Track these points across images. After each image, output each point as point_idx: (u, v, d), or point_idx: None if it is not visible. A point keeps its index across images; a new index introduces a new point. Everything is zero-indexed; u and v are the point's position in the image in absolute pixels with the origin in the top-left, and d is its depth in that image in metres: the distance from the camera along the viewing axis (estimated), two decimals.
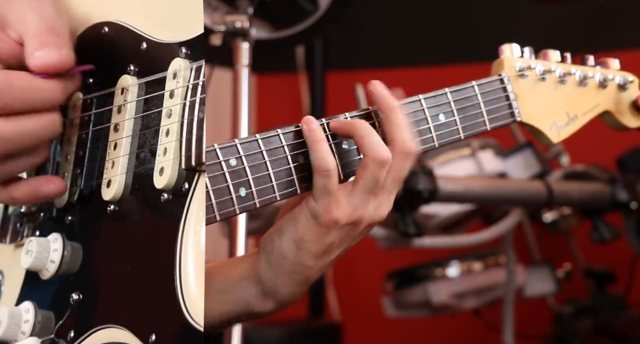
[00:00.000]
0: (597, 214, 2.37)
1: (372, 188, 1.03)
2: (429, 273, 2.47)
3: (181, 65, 1.00)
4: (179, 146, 0.97)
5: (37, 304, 1.04)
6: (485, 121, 1.17)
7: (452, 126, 1.14)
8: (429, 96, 1.13)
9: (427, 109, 1.12)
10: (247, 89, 1.87)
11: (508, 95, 1.19)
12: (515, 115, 1.19)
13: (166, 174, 0.97)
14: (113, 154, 1.03)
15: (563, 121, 1.24)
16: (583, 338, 2.57)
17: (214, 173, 0.97)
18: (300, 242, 1.03)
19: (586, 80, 1.26)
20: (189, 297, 0.92)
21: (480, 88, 1.17)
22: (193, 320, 0.90)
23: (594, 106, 1.27)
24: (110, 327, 0.96)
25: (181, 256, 0.94)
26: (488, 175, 2.32)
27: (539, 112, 1.22)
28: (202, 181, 0.96)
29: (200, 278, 0.92)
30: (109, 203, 1.02)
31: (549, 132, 1.23)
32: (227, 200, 0.98)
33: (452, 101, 1.14)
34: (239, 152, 1.00)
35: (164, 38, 1.04)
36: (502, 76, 1.20)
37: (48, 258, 1.03)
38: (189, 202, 0.96)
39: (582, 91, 1.26)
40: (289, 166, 1.02)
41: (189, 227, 0.95)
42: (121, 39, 1.07)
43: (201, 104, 0.98)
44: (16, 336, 1.02)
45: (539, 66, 1.23)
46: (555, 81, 1.24)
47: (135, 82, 1.04)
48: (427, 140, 1.12)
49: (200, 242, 0.94)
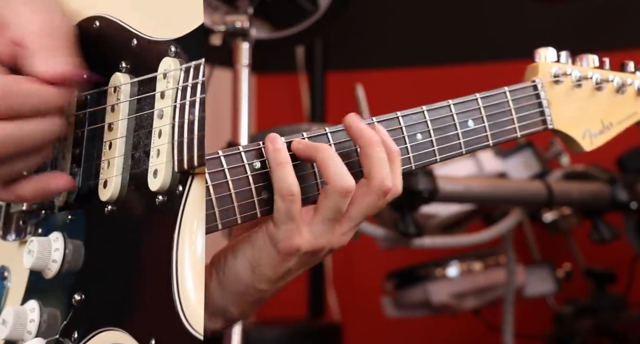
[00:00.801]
0: (597, 214, 2.37)
1: (335, 217, 0.98)
2: (429, 273, 2.47)
3: (170, 65, 0.99)
4: (172, 148, 0.96)
5: (42, 302, 1.04)
6: (515, 128, 1.14)
7: (481, 133, 1.11)
8: (458, 101, 1.10)
9: (455, 115, 1.10)
10: (247, 89, 1.86)
11: (541, 102, 1.17)
12: (548, 122, 1.17)
13: (160, 176, 0.96)
14: (108, 154, 1.02)
15: (597, 129, 1.21)
16: (583, 338, 2.57)
17: (237, 176, 0.95)
18: (256, 266, 0.99)
19: (624, 87, 1.23)
20: (187, 303, 0.91)
21: (512, 94, 1.15)
22: (192, 327, 0.89)
23: (631, 114, 1.24)
24: (113, 330, 0.96)
25: (177, 262, 0.93)
26: (488, 175, 2.32)
27: (573, 120, 1.19)
28: (196, 184, 0.95)
29: (199, 284, 0.91)
30: (106, 204, 1.01)
31: (582, 140, 1.20)
32: (250, 203, 0.96)
33: (482, 107, 1.12)
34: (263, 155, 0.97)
35: (153, 35, 1.02)
36: (536, 83, 1.17)
37: (50, 257, 1.03)
38: (184, 206, 0.95)
39: (620, 99, 1.23)
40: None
41: (185, 231, 0.94)
42: (112, 35, 1.06)
43: (200, 104, 0.96)
44: (22, 335, 1.02)
45: (576, 72, 1.19)
46: (592, 88, 1.21)
47: (128, 81, 1.03)
48: (455, 147, 1.10)
49: (197, 249, 0.93)
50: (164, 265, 0.93)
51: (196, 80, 0.97)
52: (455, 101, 1.10)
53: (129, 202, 1.00)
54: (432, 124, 1.08)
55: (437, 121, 1.08)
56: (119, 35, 1.05)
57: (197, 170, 0.95)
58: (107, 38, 1.06)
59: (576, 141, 1.20)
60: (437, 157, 1.09)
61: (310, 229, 0.98)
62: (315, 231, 0.98)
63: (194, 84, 0.96)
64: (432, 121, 1.08)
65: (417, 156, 1.08)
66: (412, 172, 1.92)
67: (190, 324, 0.90)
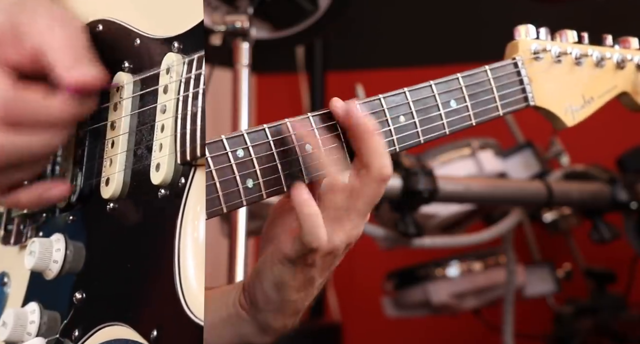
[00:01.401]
0: (597, 214, 2.37)
1: (341, 215, 0.98)
2: (429, 273, 2.47)
3: (174, 60, 0.99)
4: (174, 140, 0.97)
5: (42, 304, 1.04)
6: (497, 106, 1.14)
7: (463, 112, 1.11)
8: (440, 81, 1.10)
9: (438, 95, 1.09)
10: (247, 89, 1.86)
11: (522, 79, 1.16)
12: (529, 99, 1.17)
13: (162, 169, 0.97)
14: (111, 152, 1.03)
15: (579, 104, 1.21)
16: (583, 338, 2.57)
17: (221, 165, 0.95)
18: (280, 284, 1.00)
19: (603, 61, 1.23)
20: (189, 292, 0.92)
21: (493, 72, 1.14)
22: (193, 314, 0.90)
23: (611, 87, 1.24)
24: (114, 324, 0.96)
25: (180, 251, 0.93)
26: (488, 175, 2.32)
27: (554, 96, 1.19)
28: (198, 176, 0.96)
29: (200, 272, 0.92)
30: (108, 201, 1.02)
31: (564, 116, 1.20)
32: (235, 192, 0.96)
33: (464, 86, 1.11)
34: (246, 142, 0.97)
35: (157, 33, 1.03)
36: (516, 60, 1.17)
37: (51, 258, 1.03)
38: (186, 198, 0.95)
39: (599, 73, 1.23)
40: (297, 156, 0.99)
41: (187, 222, 0.94)
42: (116, 37, 1.07)
43: (196, 97, 0.96)
44: (22, 337, 1.02)
45: (555, 48, 1.19)
46: (572, 63, 1.21)
47: (130, 79, 1.04)
48: (438, 127, 1.09)
49: (199, 237, 0.94)
50: (165, 257, 0.94)
51: (199, 70, 0.97)
52: (437, 81, 1.10)
53: (131, 198, 1.00)
54: (414, 106, 1.08)
55: (419, 102, 1.08)
56: (121, 36, 1.06)
57: (199, 161, 0.95)
58: (111, 40, 1.07)
59: (558, 117, 1.20)
60: (421, 138, 1.08)
61: None
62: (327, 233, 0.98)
63: (197, 75, 0.97)
64: (414, 102, 1.08)
65: (400, 138, 1.07)
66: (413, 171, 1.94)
67: (191, 311, 0.90)
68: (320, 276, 1.02)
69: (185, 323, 0.90)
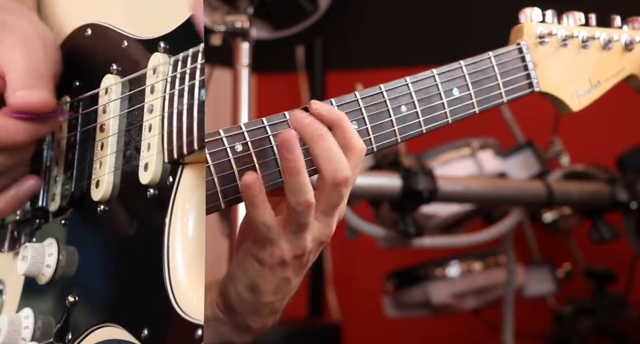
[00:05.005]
0: (597, 214, 2.37)
1: (304, 225, 0.96)
2: (429, 273, 2.47)
3: (160, 60, 1.00)
4: (161, 139, 0.97)
5: (36, 309, 1.04)
6: (501, 93, 1.12)
7: (466, 101, 1.09)
8: (442, 70, 1.09)
9: (440, 84, 1.08)
10: (247, 89, 1.87)
11: (527, 64, 1.14)
12: (534, 85, 1.14)
13: (150, 169, 0.97)
14: (100, 154, 1.03)
15: (585, 88, 1.18)
16: (583, 338, 2.57)
17: (219, 160, 0.95)
18: (254, 286, 1.00)
19: (611, 43, 1.20)
20: (179, 289, 0.92)
21: (497, 59, 1.12)
22: (183, 312, 0.90)
23: (618, 70, 1.21)
24: (106, 326, 0.97)
25: (169, 249, 0.94)
26: (488, 175, 2.32)
27: (559, 80, 1.16)
28: (186, 174, 0.96)
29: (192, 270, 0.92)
30: (98, 203, 1.02)
31: (570, 100, 1.17)
32: (233, 187, 0.95)
33: (467, 74, 1.10)
34: (245, 138, 0.97)
35: (143, 35, 1.04)
36: (521, 45, 1.14)
37: (44, 262, 1.03)
38: (174, 196, 0.95)
39: (606, 55, 1.20)
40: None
41: (176, 221, 0.95)
42: (104, 40, 1.08)
43: (182, 95, 0.96)
44: (17, 342, 1.03)
45: (562, 31, 1.16)
46: (578, 46, 1.17)
47: (118, 81, 1.04)
48: (440, 116, 1.08)
49: (189, 234, 0.94)
50: (154, 256, 0.94)
51: (184, 69, 0.97)
52: (440, 70, 1.08)
53: (121, 199, 1.01)
54: (416, 95, 1.07)
55: (421, 92, 1.06)
56: (110, 39, 1.07)
57: (186, 159, 0.96)
58: (99, 43, 1.08)
59: (564, 102, 1.17)
60: (423, 128, 1.07)
61: (285, 238, 0.97)
62: (291, 240, 0.97)
63: (182, 73, 0.97)
64: (416, 92, 1.07)
65: (402, 129, 1.06)
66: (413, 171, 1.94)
67: (181, 309, 0.91)
68: (296, 276, 1.01)
69: (176, 320, 0.90)
